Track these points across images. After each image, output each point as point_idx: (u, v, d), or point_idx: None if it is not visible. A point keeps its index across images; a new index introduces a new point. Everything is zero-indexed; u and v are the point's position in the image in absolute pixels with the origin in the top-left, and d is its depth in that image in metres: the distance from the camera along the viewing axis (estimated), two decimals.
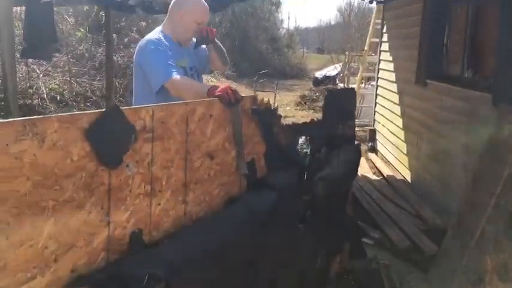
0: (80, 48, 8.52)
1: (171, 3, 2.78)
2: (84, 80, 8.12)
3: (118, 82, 7.92)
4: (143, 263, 1.78)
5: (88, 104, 7.67)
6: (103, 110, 1.72)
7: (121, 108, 1.77)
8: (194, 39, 2.84)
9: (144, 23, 9.48)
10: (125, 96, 8.55)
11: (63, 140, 1.53)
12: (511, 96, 3.30)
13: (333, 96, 3.36)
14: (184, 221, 2.08)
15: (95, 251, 1.66)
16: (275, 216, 2.40)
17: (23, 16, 5.66)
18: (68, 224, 1.56)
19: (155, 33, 2.75)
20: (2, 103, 5.17)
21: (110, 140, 1.69)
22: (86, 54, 8.29)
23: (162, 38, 2.69)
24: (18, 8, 5.36)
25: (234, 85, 14.12)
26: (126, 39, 9.00)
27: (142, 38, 2.88)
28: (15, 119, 1.46)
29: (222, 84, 2.70)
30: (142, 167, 1.85)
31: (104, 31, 7.17)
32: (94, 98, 7.80)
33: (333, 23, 30.80)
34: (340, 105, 3.11)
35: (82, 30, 8.68)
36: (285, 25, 29.99)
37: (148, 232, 1.88)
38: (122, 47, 8.99)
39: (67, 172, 1.55)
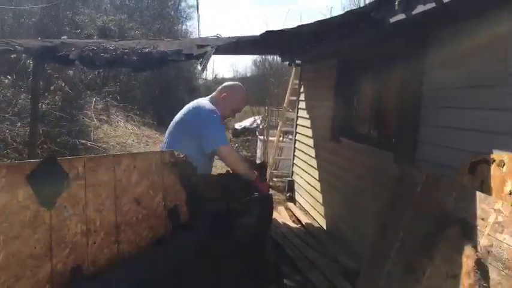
0: (7, 94, 8.33)
1: (227, 84, 3.75)
2: (5, 126, 7.92)
3: (42, 129, 7.80)
4: None
5: (9, 150, 7.47)
6: (42, 160, 1.92)
7: (57, 158, 1.98)
8: None
9: (71, 72, 9.51)
10: (47, 143, 8.40)
11: (10, 183, 1.71)
12: (408, 157, 3.80)
13: None
14: (117, 258, 2.25)
15: (40, 283, 1.81)
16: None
17: None
18: (17, 257, 1.71)
19: (213, 106, 3.47)
20: None
21: (47, 184, 1.89)
22: (14, 101, 8.12)
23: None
24: None
25: (154, 134, 14.23)
26: (52, 87, 8.95)
27: (68, 86, 3.25)
28: None
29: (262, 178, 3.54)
30: (78, 209, 2.05)
31: (30, 78, 7.14)
32: (15, 144, 7.61)
33: (248, 75, 31.94)
34: None
35: (9, 77, 8.54)
36: (203, 76, 30.91)
37: (87, 268, 2.04)
38: (46, 94, 8.91)
39: (14, 211, 1.72)
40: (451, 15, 3.19)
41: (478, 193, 2.56)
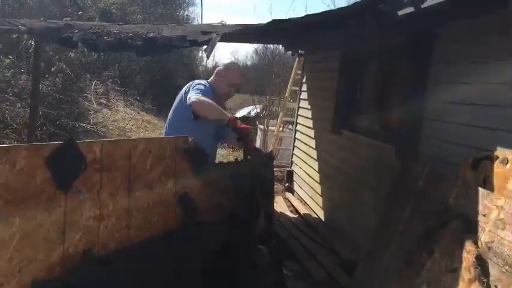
0: (8, 74, 8.32)
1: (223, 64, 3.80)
2: (5, 106, 7.92)
3: (42, 111, 7.80)
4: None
5: (8, 131, 7.47)
6: (61, 142, 1.94)
7: (76, 141, 2.00)
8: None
9: (72, 54, 9.47)
10: (46, 124, 8.40)
11: (29, 165, 1.74)
12: (410, 151, 3.84)
13: None
14: (126, 243, 2.29)
15: (52, 265, 1.85)
16: None
17: None
18: (31, 239, 1.74)
19: (206, 83, 3.63)
20: None
21: (65, 167, 1.91)
22: (13, 82, 8.11)
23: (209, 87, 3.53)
24: None
25: (154, 119, 14.22)
26: (52, 68, 8.92)
27: (69, 68, 3.40)
28: None
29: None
30: (93, 193, 2.07)
31: (31, 59, 7.12)
32: (15, 125, 7.61)
33: (249, 63, 31.87)
34: None
35: (10, 57, 8.51)
36: (203, 63, 30.88)
37: (97, 251, 2.08)
38: (47, 75, 8.89)
39: (31, 193, 1.75)
40: (462, 10, 3.20)
41: (480, 189, 2.60)
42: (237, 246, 3.08)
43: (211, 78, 3.78)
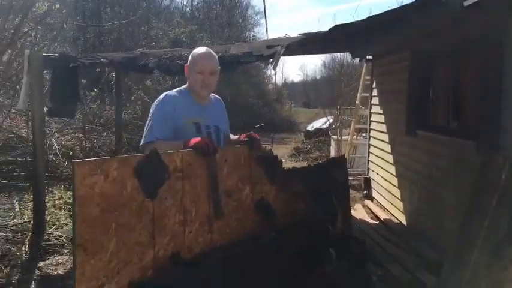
0: (93, 106, 9.03)
1: None
2: (93, 136, 8.57)
3: (126, 137, 8.35)
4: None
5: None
6: (146, 153, 2.12)
7: (159, 152, 2.17)
8: (212, 97, 2.98)
9: (149, 82, 10.07)
10: (130, 150, 8.94)
11: (120, 175, 1.92)
12: (493, 144, 3.70)
13: None
14: (209, 247, 2.42)
15: (145, 268, 2.01)
16: None
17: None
18: (126, 243, 1.91)
19: (178, 88, 2.92)
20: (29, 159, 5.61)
21: (151, 176, 2.08)
22: (97, 112, 8.79)
23: (178, 94, 2.82)
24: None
25: None
26: (132, 97, 9.55)
27: (147, 96, 3.27)
28: (89, 159, 1.87)
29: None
30: (177, 200, 2.23)
31: (113, 90, 7.68)
32: (102, 153, 8.20)
33: (318, 77, 31.93)
34: None
35: (95, 90, 9.24)
36: (272, 80, 31.32)
37: (184, 255, 2.22)
38: (128, 104, 9.51)
39: (124, 201, 1.93)
40: None
41: None
42: (315, 249, 3.12)
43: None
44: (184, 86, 2.92)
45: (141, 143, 2.68)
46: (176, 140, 2.58)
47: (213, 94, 2.97)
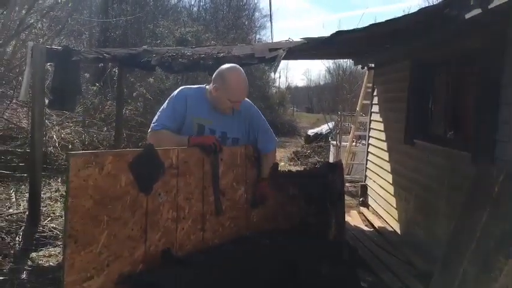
0: (95, 101, 9.06)
1: (219, 70, 2.79)
2: (93, 130, 8.59)
3: (126, 133, 8.37)
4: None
5: None
6: (142, 149, 2.15)
7: (155, 148, 2.20)
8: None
9: (151, 79, 10.09)
10: (129, 146, 8.96)
11: (115, 169, 1.95)
12: (488, 156, 3.72)
13: None
14: (201, 245, 2.45)
15: (136, 262, 2.04)
16: None
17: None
18: (117, 237, 1.94)
19: (198, 86, 2.91)
20: (28, 150, 5.65)
21: (146, 172, 2.11)
22: (99, 107, 8.82)
23: (196, 92, 2.81)
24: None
25: None
26: (134, 94, 9.57)
27: (149, 93, 3.28)
28: (84, 151, 1.89)
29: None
30: (170, 196, 2.26)
31: (115, 85, 7.71)
32: (101, 147, 8.22)
33: (322, 83, 32.01)
34: None
35: (97, 84, 9.28)
36: (276, 84, 31.36)
37: (175, 252, 2.25)
38: (129, 100, 9.53)
39: (117, 195, 1.96)
40: None
41: None
42: (307, 253, 3.14)
43: (209, 88, 2.83)
44: (206, 87, 2.85)
45: (149, 130, 2.73)
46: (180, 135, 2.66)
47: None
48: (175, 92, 2.85)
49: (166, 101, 2.83)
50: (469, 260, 3.16)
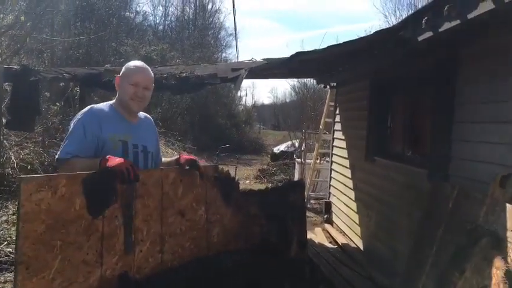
0: (55, 121, 8.88)
1: None
2: (54, 150, 8.38)
3: None
4: None
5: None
6: (96, 172, 2.11)
7: (111, 170, 2.17)
8: (142, 115, 2.79)
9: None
10: None
11: (69, 192, 1.92)
12: (442, 173, 3.85)
13: None
14: (160, 268, 2.42)
15: (91, 287, 1.99)
16: None
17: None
18: (71, 262, 1.90)
19: (105, 103, 2.71)
20: None
21: (98, 195, 2.08)
22: (60, 127, 8.64)
23: (105, 108, 2.62)
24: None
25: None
26: None
27: None
28: (37, 175, 1.86)
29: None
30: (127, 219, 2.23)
31: (77, 105, 7.59)
32: None
33: (287, 100, 32.50)
34: None
35: (58, 104, 9.10)
36: (242, 102, 31.62)
37: (132, 275, 2.22)
38: None
39: (71, 218, 1.92)
40: (480, 32, 3.27)
41: (508, 206, 2.60)
42: (269, 272, 3.15)
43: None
44: (112, 100, 2.71)
45: (56, 157, 2.43)
46: (96, 157, 2.34)
47: (142, 112, 2.80)
48: (83, 111, 2.54)
49: (73, 123, 2.48)
50: (427, 275, 3.24)
